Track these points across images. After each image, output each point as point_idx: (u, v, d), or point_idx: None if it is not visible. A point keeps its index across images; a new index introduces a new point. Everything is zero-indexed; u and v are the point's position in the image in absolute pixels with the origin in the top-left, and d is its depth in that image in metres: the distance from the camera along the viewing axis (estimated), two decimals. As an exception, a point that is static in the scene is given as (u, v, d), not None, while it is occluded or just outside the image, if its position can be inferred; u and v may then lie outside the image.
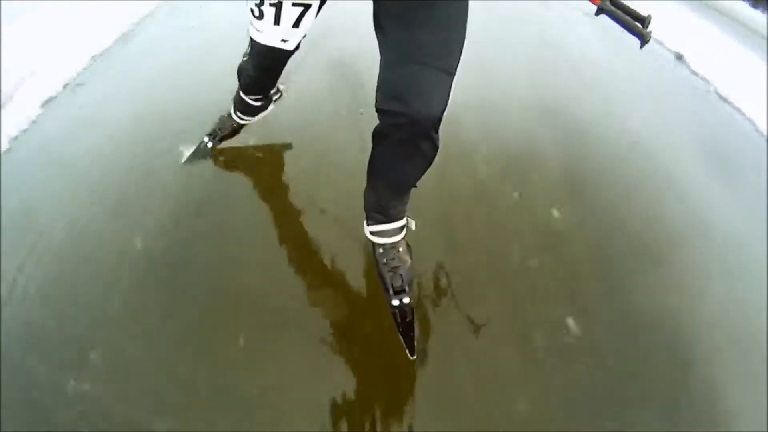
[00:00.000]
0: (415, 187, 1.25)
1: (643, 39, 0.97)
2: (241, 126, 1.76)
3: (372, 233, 1.30)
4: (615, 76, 2.84)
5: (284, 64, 1.39)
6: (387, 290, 1.29)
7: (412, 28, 1.02)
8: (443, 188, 1.73)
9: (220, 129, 1.79)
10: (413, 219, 1.31)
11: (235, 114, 1.72)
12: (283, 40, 1.22)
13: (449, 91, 1.05)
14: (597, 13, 1.00)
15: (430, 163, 1.15)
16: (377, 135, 1.17)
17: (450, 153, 1.34)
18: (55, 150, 1.86)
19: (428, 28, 1.02)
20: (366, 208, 1.31)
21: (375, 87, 1.08)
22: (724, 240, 1.87)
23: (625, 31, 0.98)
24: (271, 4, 1.13)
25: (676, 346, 1.45)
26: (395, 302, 1.28)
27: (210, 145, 1.79)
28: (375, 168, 1.25)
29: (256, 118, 1.74)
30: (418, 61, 1.02)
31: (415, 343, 1.27)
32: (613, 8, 0.97)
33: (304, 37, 1.24)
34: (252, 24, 1.22)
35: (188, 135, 1.85)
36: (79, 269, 1.42)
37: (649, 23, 0.96)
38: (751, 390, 1.40)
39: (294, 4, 1.13)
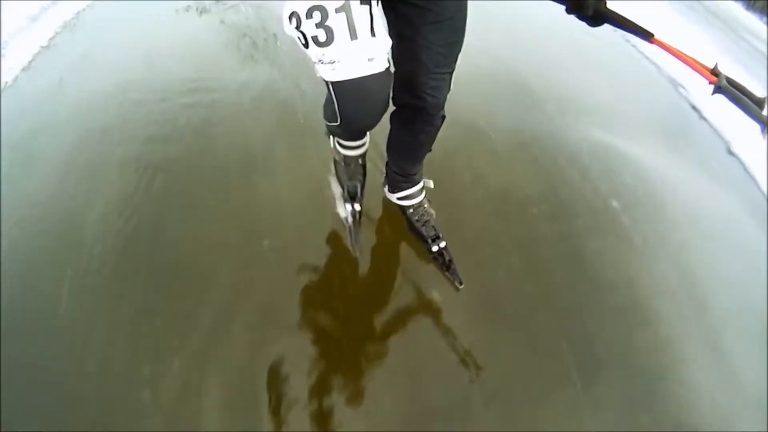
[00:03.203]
0: (430, 150, 1.40)
1: (765, 125, 0.89)
2: (358, 157, 1.52)
3: (400, 198, 1.50)
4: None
5: (385, 95, 1.08)
6: (425, 241, 1.50)
7: (430, 40, 1.11)
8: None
9: (344, 179, 1.55)
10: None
11: (339, 146, 1.49)
12: (370, 59, 0.97)
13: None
14: (714, 93, 0.93)
15: (439, 129, 1.32)
16: (397, 119, 1.32)
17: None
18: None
19: (442, 39, 1.12)
20: (390, 180, 1.50)
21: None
22: (677, 206, 1.99)
23: (743, 113, 0.91)
24: (337, 11, 0.92)
25: (630, 307, 1.54)
26: (434, 248, 1.48)
27: (358, 207, 1.54)
28: (397, 144, 1.41)
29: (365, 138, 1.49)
30: (434, 71, 1.15)
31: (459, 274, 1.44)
32: (730, 88, 0.91)
33: (389, 57, 1.04)
34: (322, 62, 0.98)
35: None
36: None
37: (764, 106, 0.90)
38: (703, 347, 1.50)
39: (362, 1, 0.94)
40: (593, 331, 1.45)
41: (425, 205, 1.52)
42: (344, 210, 1.55)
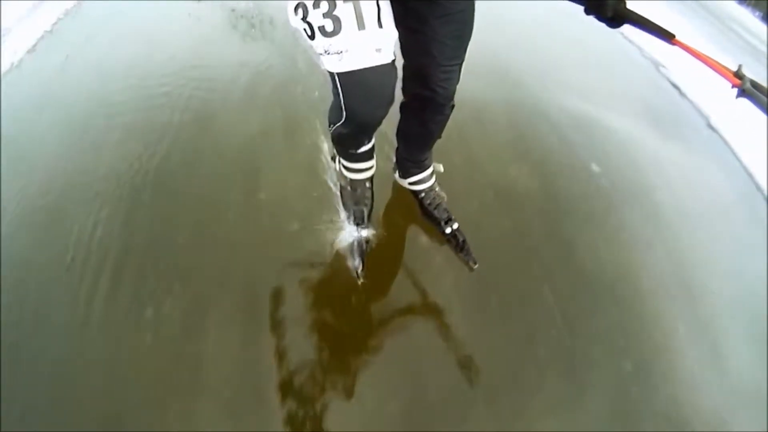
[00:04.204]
0: (440, 137, 1.42)
1: None
2: (365, 180, 1.47)
3: (411, 183, 1.52)
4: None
5: (391, 88, 1.06)
6: (438, 224, 1.51)
7: (440, 33, 1.12)
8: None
9: (349, 204, 1.50)
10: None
11: (345, 169, 1.46)
12: (377, 50, 0.97)
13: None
14: (738, 96, 0.90)
15: (449, 117, 1.33)
16: (407, 109, 1.34)
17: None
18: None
19: (452, 32, 1.13)
20: (401, 167, 1.52)
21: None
22: (666, 196, 2.01)
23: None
24: (345, 0, 0.92)
25: (622, 299, 1.55)
26: (448, 230, 1.50)
27: (364, 234, 1.47)
28: (408, 133, 1.43)
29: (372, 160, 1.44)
30: (444, 64, 1.16)
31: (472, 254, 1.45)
32: (755, 91, 0.88)
33: (396, 49, 1.05)
34: (328, 53, 0.97)
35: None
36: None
37: None
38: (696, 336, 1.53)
39: None
40: (592, 328, 1.47)
41: (436, 189, 1.55)
42: (351, 235, 1.48)
